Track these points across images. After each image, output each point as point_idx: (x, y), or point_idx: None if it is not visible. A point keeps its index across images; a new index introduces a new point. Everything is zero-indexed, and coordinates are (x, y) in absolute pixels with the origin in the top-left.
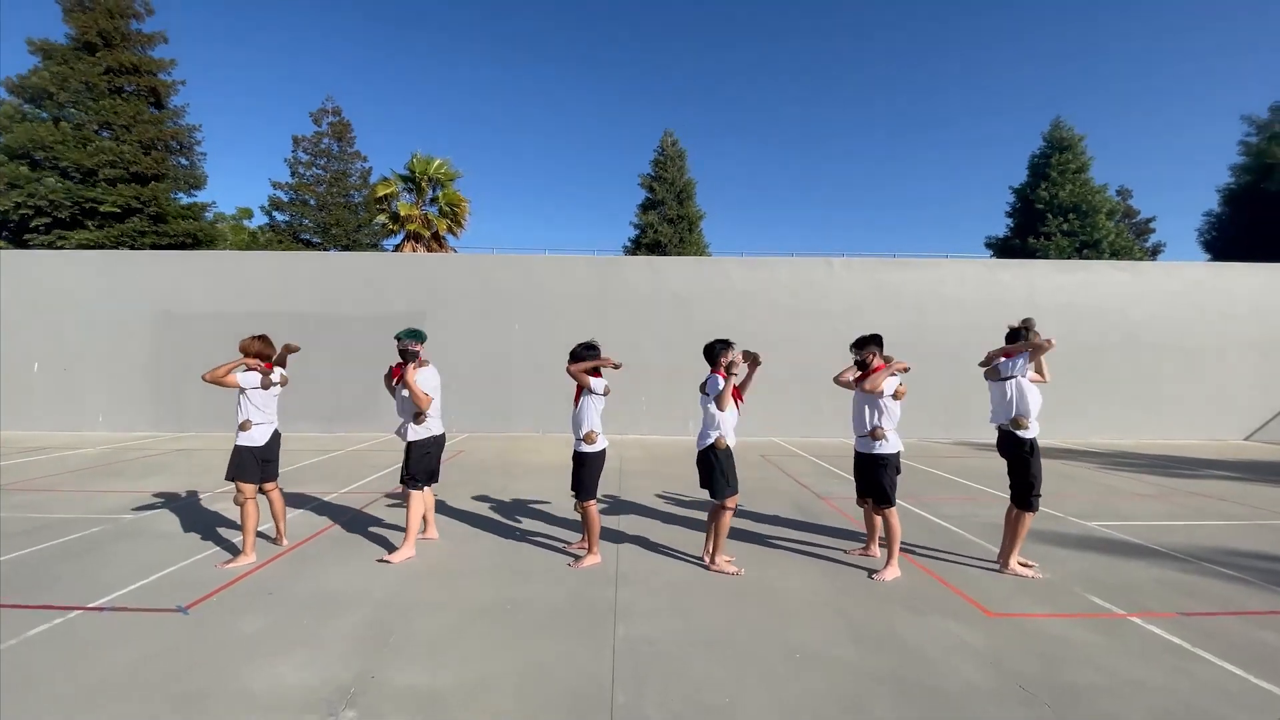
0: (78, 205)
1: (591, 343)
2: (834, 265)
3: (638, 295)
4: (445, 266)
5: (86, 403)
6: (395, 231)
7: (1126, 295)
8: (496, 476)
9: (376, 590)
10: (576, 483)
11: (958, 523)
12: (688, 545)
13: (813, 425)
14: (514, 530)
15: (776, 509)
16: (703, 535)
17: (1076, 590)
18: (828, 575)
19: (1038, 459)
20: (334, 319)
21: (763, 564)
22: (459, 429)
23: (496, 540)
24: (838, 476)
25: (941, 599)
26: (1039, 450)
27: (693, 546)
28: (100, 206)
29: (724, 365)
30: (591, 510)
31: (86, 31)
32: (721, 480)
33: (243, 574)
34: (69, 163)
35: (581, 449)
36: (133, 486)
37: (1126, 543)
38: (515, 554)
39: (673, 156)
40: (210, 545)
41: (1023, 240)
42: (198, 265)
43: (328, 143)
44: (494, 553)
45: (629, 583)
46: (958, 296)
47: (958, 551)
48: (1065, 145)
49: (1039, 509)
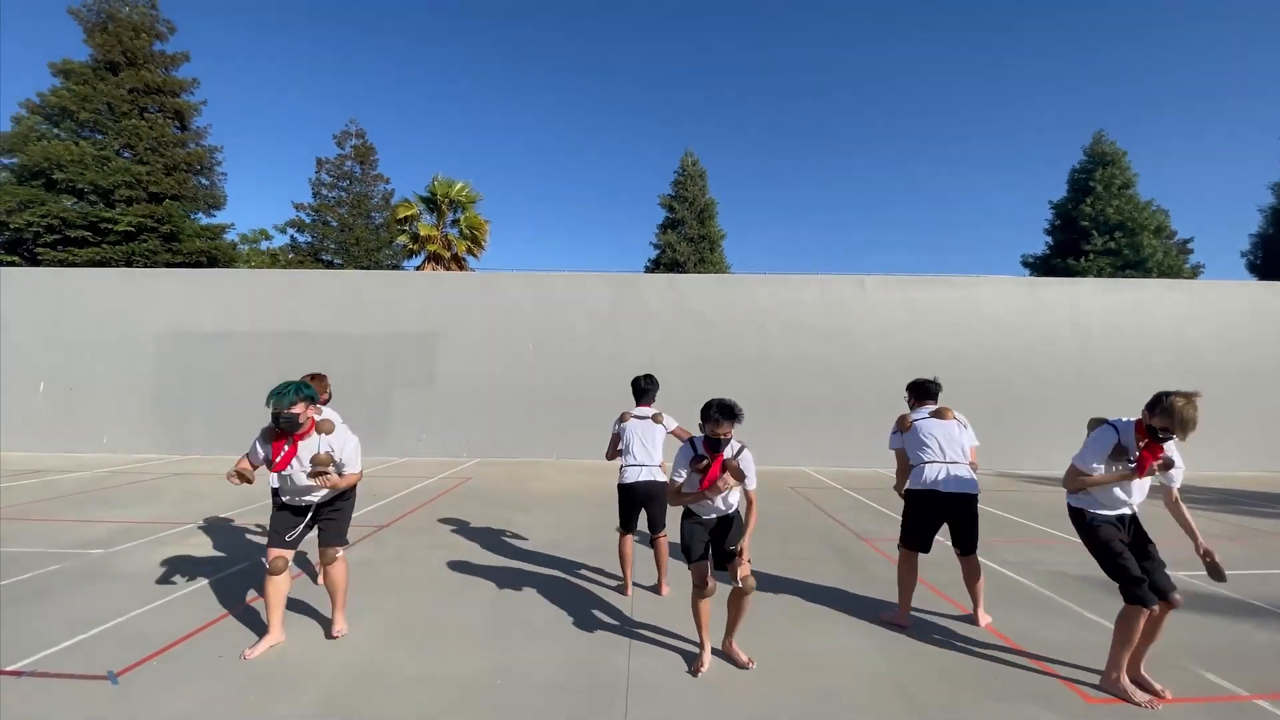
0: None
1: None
2: (865, 283)
3: (657, 315)
4: (458, 285)
5: (91, 423)
6: (416, 252)
7: (1181, 316)
8: (502, 508)
9: (344, 657)
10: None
11: (1019, 569)
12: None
13: (844, 454)
14: (515, 575)
15: (812, 552)
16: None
17: (1185, 664)
18: (882, 643)
19: (1093, 536)
20: (344, 338)
21: (802, 626)
22: (468, 454)
23: (493, 589)
24: (876, 512)
25: (1025, 678)
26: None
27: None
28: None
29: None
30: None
31: (109, 51)
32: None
33: (194, 630)
34: (86, 183)
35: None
36: (116, 515)
37: (1226, 598)
38: (514, 607)
39: (693, 176)
40: (174, 590)
41: (1063, 259)
42: (207, 283)
43: (350, 165)
44: (489, 606)
45: (645, 647)
46: (997, 316)
47: (1025, 607)
48: (1108, 160)
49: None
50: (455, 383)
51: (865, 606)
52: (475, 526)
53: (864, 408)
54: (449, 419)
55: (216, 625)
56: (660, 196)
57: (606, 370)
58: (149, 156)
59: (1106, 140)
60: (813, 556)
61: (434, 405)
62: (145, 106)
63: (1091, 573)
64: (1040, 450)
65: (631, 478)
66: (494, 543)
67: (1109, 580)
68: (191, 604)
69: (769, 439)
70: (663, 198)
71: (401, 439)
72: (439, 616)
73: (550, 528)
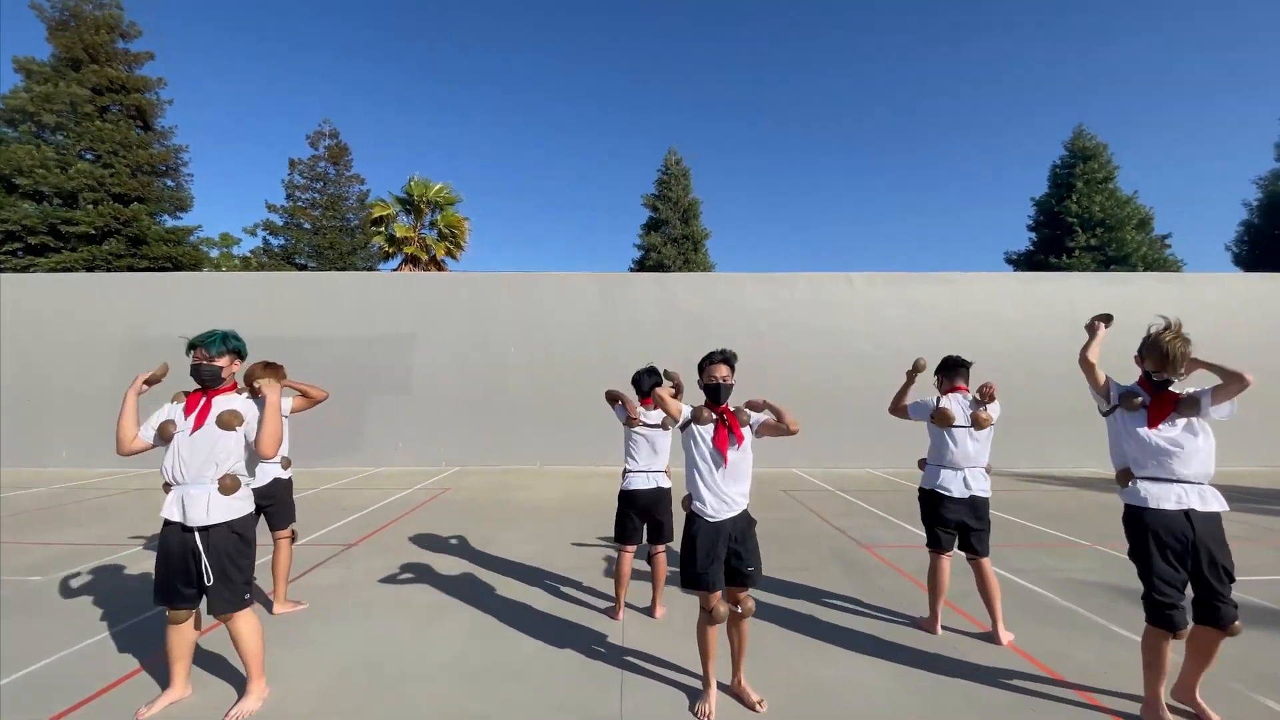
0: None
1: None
2: (855, 281)
3: (645, 315)
4: (436, 286)
5: (50, 436)
6: (392, 255)
7: (1174, 310)
8: (481, 523)
9: (289, 705)
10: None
11: (1034, 578)
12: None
13: (835, 455)
14: (493, 602)
15: (814, 563)
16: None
17: (1238, 687)
18: (901, 673)
19: (1139, 536)
20: (316, 343)
21: (813, 655)
22: (447, 463)
23: (469, 619)
24: (874, 516)
25: (1064, 712)
26: (1143, 527)
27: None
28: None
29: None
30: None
31: (71, 49)
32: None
33: (118, 679)
34: (49, 187)
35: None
36: (65, 537)
37: (1263, 608)
38: (492, 639)
39: (677, 175)
40: (106, 625)
41: (1046, 257)
42: (172, 288)
43: (324, 166)
44: (463, 640)
45: (640, 682)
46: (993, 313)
47: (1049, 622)
48: (1089, 154)
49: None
50: (433, 388)
51: (877, 627)
52: (451, 544)
53: (855, 407)
54: (427, 426)
55: (140, 675)
56: (643, 196)
57: (593, 373)
58: (112, 159)
59: (1087, 134)
60: (815, 568)
61: (411, 412)
62: (108, 106)
63: (1112, 579)
64: (1036, 449)
65: (638, 485)
66: (471, 563)
67: (1137, 588)
68: (128, 640)
69: (758, 439)
70: (646, 198)
71: (377, 448)
72: (405, 653)
73: (532, 542)
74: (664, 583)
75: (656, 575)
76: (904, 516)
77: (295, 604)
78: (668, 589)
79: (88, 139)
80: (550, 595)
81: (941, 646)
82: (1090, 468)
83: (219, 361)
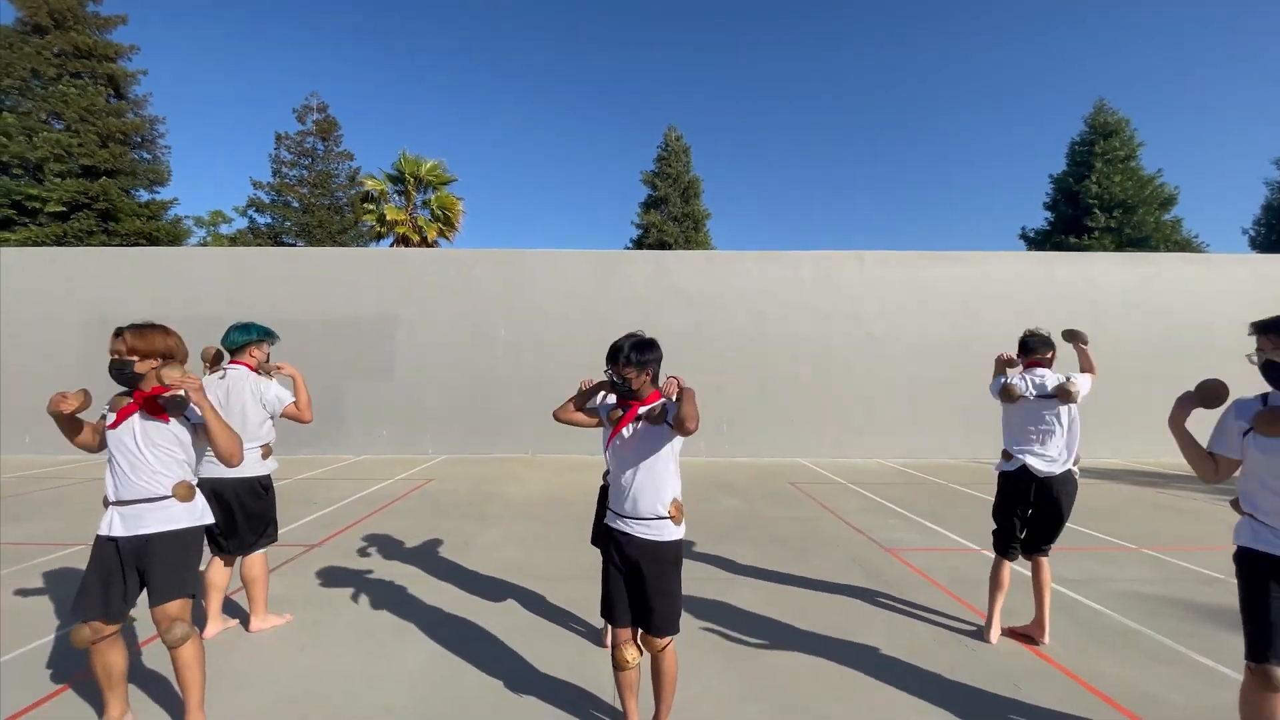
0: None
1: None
2: (865, 260)
3: (642, 296)
4: (422, 263)
5: (13, 421)
6: (383, 235)
7: (1201, 292)
8: (462, 520)
9: None
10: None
11: (1078, 588)
12: (723, 638)
13: (844, 444)
14: (463, 620)
15: (832, 570)
16: (738, 623)
17: None
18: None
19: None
20: (292, 323)
21: (844, 700)
22: (433, 451)
23: (434, 640)
24: (894, 514)
25: None
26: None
27: (729, 640)
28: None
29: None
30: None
31: (36, 13)
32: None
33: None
34: (11, 157)
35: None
36: (17, 533)
37: None
38: (457, 670)
39: (677, 152)
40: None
41: (1065, 237)
42: (140, 264)
43: (312, 142)
44: (424, 669)
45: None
46: (1009, 295)
47: (1113, 648)
48: (1110, 131)
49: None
50: (418, 372)
51: (918, 653)
52: (426, 546)
53: (865, 394)
54: (411, 413)
55: (66, 693)
56: (642, 173)
57: (587, 356)
58: (79, 126)
59: (1109, 109)
60: (834, 578)
61: (394, 397)
62: (75, 71)
63: (1178, 593)
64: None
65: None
66: (445, 569)
67: (1212, 608)
68: (57, 656)
69: (762, 427)
70: (645, 174)
71: (357, 435)
72: (354, 686)
73: (515, 545)
74: None
75: None
76: (925, 514)
77: (279, 617)
78: None
79: (53, 103)
80: (529, 611)
81: (1000, 683)
82: (1114, 459)
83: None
